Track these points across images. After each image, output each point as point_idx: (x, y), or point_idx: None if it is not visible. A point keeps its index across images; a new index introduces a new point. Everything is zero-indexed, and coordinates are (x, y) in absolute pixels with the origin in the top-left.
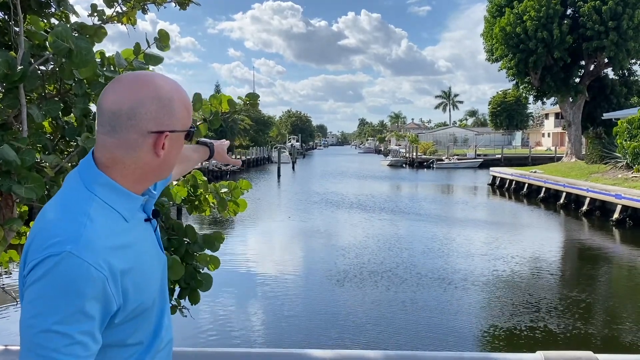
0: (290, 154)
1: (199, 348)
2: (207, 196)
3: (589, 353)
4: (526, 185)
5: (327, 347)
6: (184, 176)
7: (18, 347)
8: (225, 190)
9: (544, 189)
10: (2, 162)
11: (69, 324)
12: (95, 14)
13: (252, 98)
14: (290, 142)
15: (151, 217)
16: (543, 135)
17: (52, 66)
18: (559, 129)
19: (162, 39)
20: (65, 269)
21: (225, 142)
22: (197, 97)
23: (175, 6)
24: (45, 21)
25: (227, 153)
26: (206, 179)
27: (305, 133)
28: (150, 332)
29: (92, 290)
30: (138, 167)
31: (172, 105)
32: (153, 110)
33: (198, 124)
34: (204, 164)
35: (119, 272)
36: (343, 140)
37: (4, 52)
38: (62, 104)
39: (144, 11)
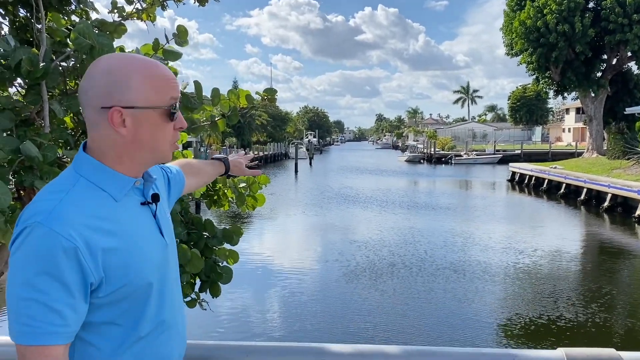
0: (307, 149)
1: (216, 341)
2: (225, 191)
3: (612, 350)
4: (546, 181)
5: (346, 342)
6: None
7: None
8: (244, 185)
9: (564, 185)
10: (25, 157)
11: (42, 292)
12: (116, 11)
13: (270, 93)
14: (307, 138)
15: (150, 201)
16: (563, 130)
17: (73, 62)
18: (580, 124)
19: (181, 35)
20: (34, 239)
21: (247, 156)
22: (215, 92)
23: (194, 2)
24: (66, 18)
25: (245, 148)
26: None
27: (322, 129)
28: (146, 314)
29: (63, 259)
30: (108, 145)
31: (127, 79)
32: (102, 84)
33: (216, 119)
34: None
35: (100, 248)
36: (360, 136)
37: (26, 50)
38: None
39: (163, 7)
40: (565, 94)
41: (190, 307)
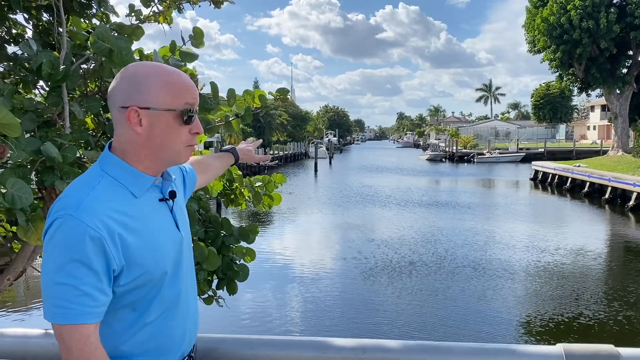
0: (327, 149)
1: (221, 334)
2: (242, 190)
3: (611, 346)
4: (569, 179)
5: (355, 337)
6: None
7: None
8: (260, 184)
9: (588, 184)
10: (45, 158)
11: (74, 277)
12: (133, 14)
13: (282, 93)
14: (327, 137)
15: (167, 197)
16: (588, 128)
17: (93, 65)
18: (605, 122)
19: (197, 36)
20: (65, 229)
21: (255, 143)
22: (231, 92)
23: (210, 5)
24: (87, 22)
25: (265, 148)
26: (241, 173)
27: (342, 128)
28: (159, 301)
29: (91, 247)
30: (127, 143)
31: (146, 83)
32: (124, 87)
33: (230, 119)
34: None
35: (119, 237)
36: (381, 135)
37: (48, 53)
38: (102, 101)
39: (180, 10)
40: (590, 91)
41: (207, 304)
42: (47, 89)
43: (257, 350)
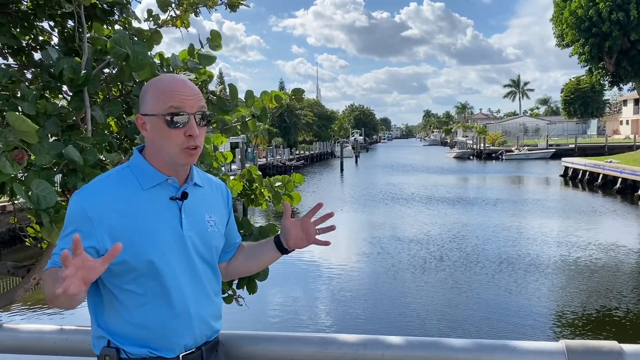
0: (353, 148)
1: (225, 330)
2: (262, 190)
3: (614, 343)
4: (600, 175)
5: (362, 333)
6: (245, 183)
7: (88, 328)
8: (279, 184)
9: (620, 180)
10: (68, 161)
11: (61, 239)
12: (151, 19)
13: (297, 93)
14: (353, 136)
15: (178, 197)
16: (621, 122)
17: (115, 70)
18: (639, 116)
19: (214, 39)
20: (70, 205)
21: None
22: (249, 93)
23: (226, 8)
24: (110, 27)
25: (291, 148)
26: (260, 173)
27: (368, 127)
28: (149, 288)
29: (80, 222)
30: (146, 144)
31: (146, 95)
32: (140, 98)
33: (247, 120)
34: (269, 159)
35: (108, 222)
36: (408, 133)
37: (69, 59)
38: (124, 105)
39: (196, 14)
40: (621, 85)
41: (227, 302)
42: (71, 93)
43: (259, 346)
